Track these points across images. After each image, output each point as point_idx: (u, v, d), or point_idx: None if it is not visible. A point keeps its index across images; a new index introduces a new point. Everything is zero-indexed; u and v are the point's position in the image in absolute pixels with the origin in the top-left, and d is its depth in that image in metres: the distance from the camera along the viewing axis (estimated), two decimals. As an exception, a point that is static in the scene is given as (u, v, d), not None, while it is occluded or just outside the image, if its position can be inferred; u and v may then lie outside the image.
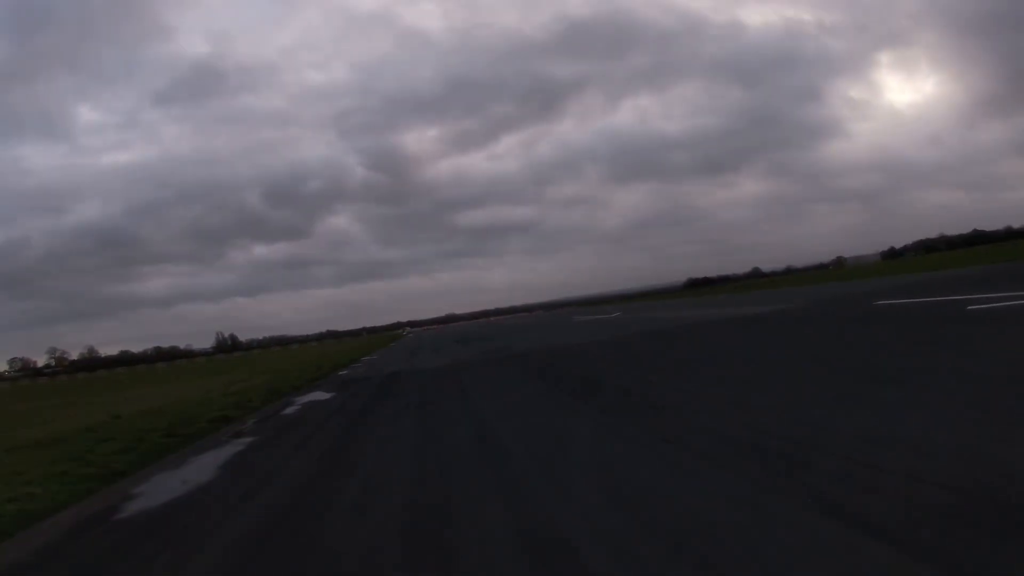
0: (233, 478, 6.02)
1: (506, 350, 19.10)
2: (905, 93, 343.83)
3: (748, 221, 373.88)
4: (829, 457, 3.76)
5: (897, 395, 5.19)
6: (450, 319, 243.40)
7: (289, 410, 10.74)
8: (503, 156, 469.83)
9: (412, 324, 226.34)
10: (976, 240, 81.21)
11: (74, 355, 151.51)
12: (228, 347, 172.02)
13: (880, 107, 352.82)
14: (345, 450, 6.48)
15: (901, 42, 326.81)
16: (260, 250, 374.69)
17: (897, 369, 6.41)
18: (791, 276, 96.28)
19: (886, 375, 6.18)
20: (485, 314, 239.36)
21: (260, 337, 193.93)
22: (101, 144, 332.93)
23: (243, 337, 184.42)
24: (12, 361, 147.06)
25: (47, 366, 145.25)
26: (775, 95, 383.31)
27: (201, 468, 6.58)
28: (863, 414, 4.68)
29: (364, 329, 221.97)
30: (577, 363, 12.20)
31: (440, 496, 4.28)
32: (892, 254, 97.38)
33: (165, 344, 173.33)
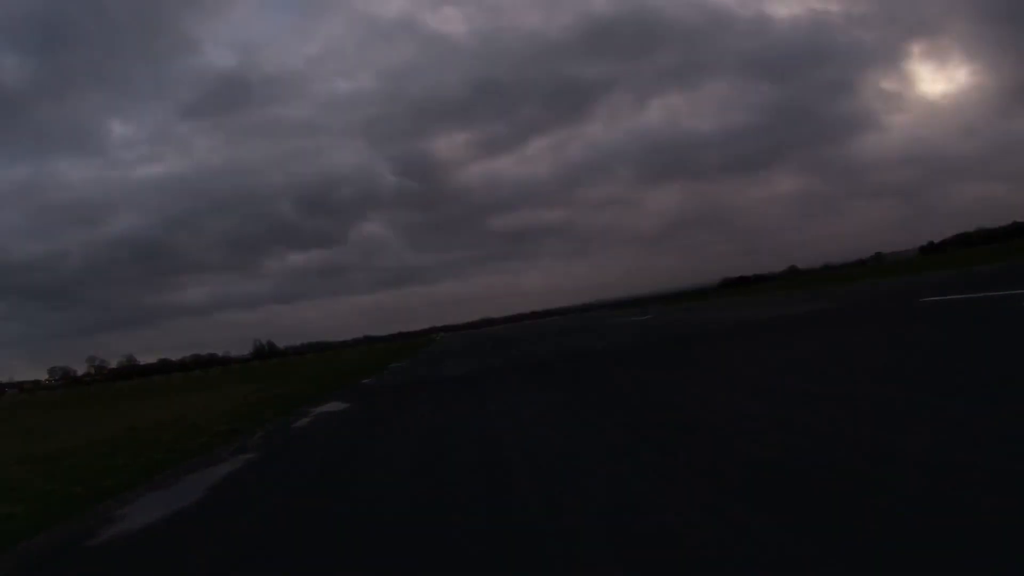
0: (216, 502, 5.60)
1: (533, 356, 18.56)
2: (938, 83, 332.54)
3: (782, 219, 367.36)
4: (895, 499, 3.05)
5: (962, 407, 4.46)
6: (485, 323, 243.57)
7: (300, 423, 10.36)
8: (533, 159, 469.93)
9: (447, 328, 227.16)
10: (1016, 232, 77.35)
11: (113, 363, 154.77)
12: (266, 354, 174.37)
13: (913, 99, 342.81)
14: (339, 474, 6.03)
15: (932, 31, 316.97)
16: (295, 258, 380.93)
17: (952, 375, 5.68)
18: (829, 273, 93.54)
19: (942, 383, 5.45)
20: (520, 317, 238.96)
21: (298, 343, 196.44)
22: (134, 157, 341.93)
23: (281, 344, 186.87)
24: (52, 370, 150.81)
25: (87, 374, 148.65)
26: (806, 90, 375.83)
27: (188, 489, 6.18)
28: (927, 435, 4.00)
29: (400, 334, 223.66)
30: (604, 371, 11.62)
31: (429, 533, 3.77)
32: (930, 248, 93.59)
33: (203, 352, 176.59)
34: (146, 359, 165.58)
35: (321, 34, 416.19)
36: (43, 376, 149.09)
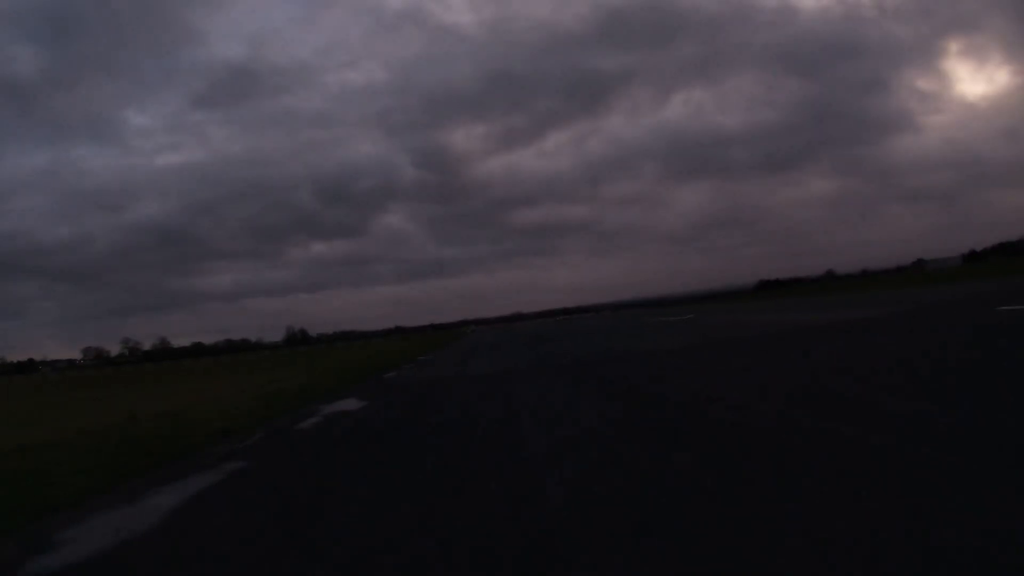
0: (157, 539, 4.04)
1: (574, 355, 16.89)
2: (977, 84, 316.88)
3: (816, 221, 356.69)
4: None
5: None
6: (517, 317, 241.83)
7: (307, 423, 8.85)
8: (553, 153, 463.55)
9: (479, 322, 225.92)
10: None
11: (147, 345, 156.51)
12: (298, 340, 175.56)
13: (951, 99, 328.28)
14: (327, 501, 4.43)
15: (971, 27, 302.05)
16: (318, 247, 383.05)
17: None
18: (873, 279, 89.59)
19: None
20: (552, 313, 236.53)
21: (329, 331, 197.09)
22: (152, 146, 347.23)
23: (313, 332, 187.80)
24: (86, 350, 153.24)
25: (120, 355, 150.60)
26: (836, 86, 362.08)
27: (133, 516, 4.65)
28: None
29: (432, 325, 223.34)
30: (661, 383, 9.90)
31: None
32: (973, 256, 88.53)
33: (236, 337, 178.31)
34: (180, 342, 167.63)
35: (327, 25, 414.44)
36: (77, 356, 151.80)
